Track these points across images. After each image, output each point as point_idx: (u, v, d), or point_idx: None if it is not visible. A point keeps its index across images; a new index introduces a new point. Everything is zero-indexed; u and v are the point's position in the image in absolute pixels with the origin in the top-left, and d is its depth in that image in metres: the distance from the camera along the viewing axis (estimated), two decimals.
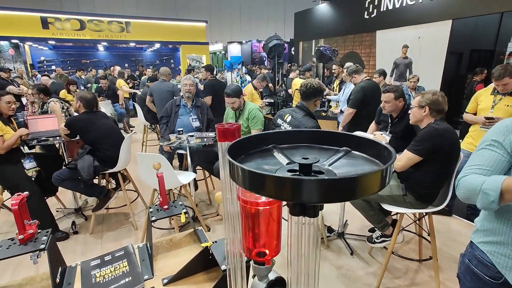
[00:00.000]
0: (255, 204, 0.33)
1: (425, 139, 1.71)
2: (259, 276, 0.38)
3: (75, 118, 2.53)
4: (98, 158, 2.48)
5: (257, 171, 0.27)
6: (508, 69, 2.38)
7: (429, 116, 1.79)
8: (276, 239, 0.36)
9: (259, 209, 0.33)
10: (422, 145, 1.71)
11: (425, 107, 1.78)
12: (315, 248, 0.33)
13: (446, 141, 1.70)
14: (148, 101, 4.19)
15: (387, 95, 2.21)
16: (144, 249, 1.17)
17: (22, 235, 1.00)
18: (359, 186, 0.29)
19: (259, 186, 0.28)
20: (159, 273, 1.04)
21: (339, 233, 2.54)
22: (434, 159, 1.72)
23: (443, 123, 1.76)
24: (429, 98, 1.76)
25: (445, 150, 1.70)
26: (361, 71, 3.31)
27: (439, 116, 1.79)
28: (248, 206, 0.33)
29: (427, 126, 1.77)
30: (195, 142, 2.49)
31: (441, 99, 1.76)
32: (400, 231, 1.96)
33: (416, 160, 1.74)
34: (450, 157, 1.75)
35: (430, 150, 1.70)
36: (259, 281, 0.38)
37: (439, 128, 1.70)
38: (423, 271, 2.13)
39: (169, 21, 11.42)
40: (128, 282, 0.98)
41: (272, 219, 0.34)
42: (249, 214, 0.33)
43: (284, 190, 0.27)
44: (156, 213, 1.19)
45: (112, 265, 1.07)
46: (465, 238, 2.53)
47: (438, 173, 1.76)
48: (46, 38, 9.46)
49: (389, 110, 2.27)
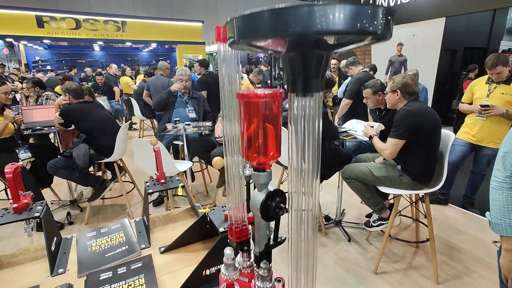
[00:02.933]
0: (255, 97, 0.33)
1: (401, 122, 1.77)
2: (258, 185, 0.38)
3: (70, 107, 2.51)
4: (94, 147, 2.46)
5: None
6: (501, 57, 2.42)
7: (402, 99, 1.87)
8: (276, 141, 0.35)
9: (259, 103, 0.33)
10: (400, 128, 1.77)
11: (396, 91, 1.86)
12: (313, 231, 0.34)
13: (422, 118, 1.76)
14: (145, 95, 4.17)
15: (366, 91, 2.32)
16: (140, 223, 1.16)
17: (16, 204, 0.99)
18: None
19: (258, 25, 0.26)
20: (156, 243, 1.03)
21: (337, 221, 2.54)
22: (418, 138, 1.77)
23: (415, 103, 1.83)
24: (399, 82, 1.85)
25: (424, 127, 1.76)
26: (357, 63, 3.34)
27: (411, 98, 1.86)
28: (248, 100, 0.33)
29: (400, 110, 1.84)
30: (192, 131, 2.49)
31: (410, 81, 1.84)
32: (397, 214, 1.96)
33: (400, 144, 1.79)
34: (433, 132, 1.80)
35: (409, 131, 1.75)
36: (258, 191, 0.38)
37: (411, 109, 1.77)
38: (420, 255, 2.14)
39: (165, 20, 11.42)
40: (125, 250, 0.97)
41: (272, 116, 0.34)
42: (249, 111, 0.33)
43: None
44: (153, 186, 1.18)
45: (108, 236, 1.06)
46: (461, 225, 2.56)
47: (426, 150, 1.81)
48: (41, 37, 9.39)
49: (372, 104, 2.36)
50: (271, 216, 0.37)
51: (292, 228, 0.33)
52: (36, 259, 0.96)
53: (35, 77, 4.15)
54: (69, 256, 0.96)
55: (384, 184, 1.89)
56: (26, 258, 0.97)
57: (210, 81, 3.96)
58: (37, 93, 3.56)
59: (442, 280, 1.88)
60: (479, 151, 2.61)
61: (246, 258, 0.41)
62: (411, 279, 1.90)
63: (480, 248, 2.21)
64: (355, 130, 2.43)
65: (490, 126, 2.49)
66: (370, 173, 1.91)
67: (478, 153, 2.63)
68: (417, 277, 1.91)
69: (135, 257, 0.95)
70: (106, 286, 0.80)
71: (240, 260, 0.41)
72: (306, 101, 0.29)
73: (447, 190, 2.85)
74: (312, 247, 0.34)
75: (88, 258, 0.94)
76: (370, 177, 1.90)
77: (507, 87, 2.43)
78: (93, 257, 0.95)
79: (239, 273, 0.42)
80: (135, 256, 0.95)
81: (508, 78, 2.42)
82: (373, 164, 2.02)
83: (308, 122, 0.29)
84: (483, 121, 2.52)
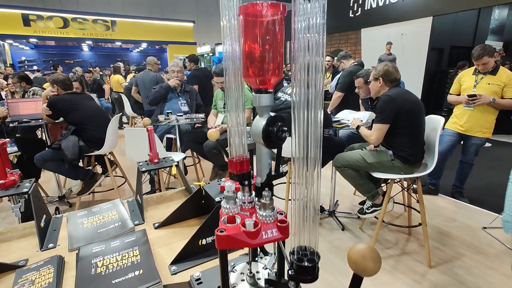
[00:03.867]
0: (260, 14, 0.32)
1: (383, 107, 1.83)
2: (260, 110, 0.37)
3: (58, 98, 2.44)
4: (84, 138, 2.40)
5: None
6: (487, 48, 2.49)
7: (384, 86, 1.94)
8: (278, 57, 0.35)
9: (263, 21, 0.32)
10: (383, 113, 1.83)
11: (379, 78, 1.93)
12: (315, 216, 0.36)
13: (402, 101, 1.81)
14: (133, 92, 4.11)
15: (358, 81, 2.37)
16: (133, 202, 1.14)
17: (3, 180, 0.96)
18: None
19: None
20: (150, 220, 1.01)
21: (330, 212, 2.55)
22: (401, 121, 1.82)
23: (394, 89, 1.90)
24: (381, 70, 1.91)
25: (405, 110, 1.81)
26: (349, 57, 3.39)
27: (393, 85, 1.92)
28: (251, 18, 0.33)
29: (381, 96, 1.89)
30: (185, 122, 2.46)
31: (391, 69, 1.90)
32: (390, 199, 1.99)
33: (385, 128, 1.84)
34: (415, 114, 1.85)
35: (392, 114, 1.81)
36: (260, 117, 0.37)
37: (390, 94, 1.84)
38: (413, 241, 2.17)
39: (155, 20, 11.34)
40: (118, 226, 0.95)
41: (274, 31, 0.33)
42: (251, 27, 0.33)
43: None
44: (146, 165, 1.16)
45: (100, 214, 1.04)
46: (451, 213, 2.61)
47: (411, 132, 1.86)
48: (27, 35, 9.17)
49: (364, 94, 2.40)
50: (274, 141, 0.37)
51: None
52: (24, 237, 0.93)
53: (21, 72, 4.04)
54: (60, 234, 0.93)
55: (377, 169, 1.92)
56: (14, 236, 0.93)
57: (201, 76, 3.94)
58: (24, 89, 3.47)
59: (434, 264, 1.90)
60: (467, 141, 2.68)
61: (247, 193, 0.41)
62: (405, 263, 1.92)
63: (470, 234, 2.25)
64: (348, 119, 2.46)
65: (478, 116, 2.56)
66: (363, 160, 1.93)
67: (466, 143, 2.70)
68: (410, 262, 1.94)
69: (129, 231, 0.92)
70: (98, 258, 0.78)
71: (241, 196, 0.41)
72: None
73: (437, 180, 2.90)
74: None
75: (80, 234, 0.91)
76: (363, 163, 1.92)
77: (493, 78, 2.50)
78: (85, 232, 0.92)
79: (240, 209, 0.41)
80: (128, 231, 0.93)
81: (494, 69, 2.49)
82: (365, 151, 2.04)
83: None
84: (471, 111, 2.58)
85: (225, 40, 0.37)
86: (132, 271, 0.73)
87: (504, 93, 2.47)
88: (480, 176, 3.33)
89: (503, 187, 1.65)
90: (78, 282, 0.69)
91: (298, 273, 0.37)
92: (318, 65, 0.33)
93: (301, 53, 0.32)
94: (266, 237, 0.37)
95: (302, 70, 0.33)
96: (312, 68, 0.33)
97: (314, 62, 0.33)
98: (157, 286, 0.69)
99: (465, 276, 1.80)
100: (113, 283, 0.69)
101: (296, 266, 0.37)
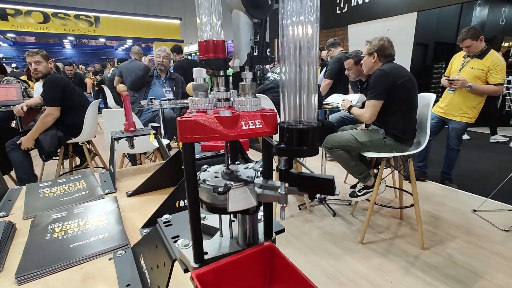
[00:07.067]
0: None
1: (376, 83, 1.74)
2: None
3: (59, 75, 2.26)
4: (63, 127, 2.24)
5: None
6: (470, 31, 2.47)
7: (378, 62, 1.85)
8: None
9: None
10: (376, 89, 1.74)
11: (373, 53, 1.84)
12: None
13: (396, 76, 1.73)
14: (116, 82, 3.93)
15: (348, 62, 2.31)
16: (105, 174, 1.03)
17: None
18: None
19: None
20: (123, 190, 0.90)
21: (321, 199, 2.49)
22: (394, 97, 1.74)
23: (388, 64, 1.82)
24: (376, 44, 1.82)
25: (398, 85, 1.73)
26: (337, 45, 3.35)
27: (387, 61, 1.84)
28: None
29: (374, 71, 1.81)
30: (169, 106, 2.34)
31: (386, 44, 1.82)
32: (382, 180, 1.93)
33: (379, 105, 1.76)
34: (407, 90, 1.77)
35: (385, 90, 1.73)
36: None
37: (383, 68, 1.76)
38: (405, 225, 2.12)
39: (141, 17, 11.06)
40: (85, 195, 0.84)
41: None
42: None
43: None
44: (120, 133, 1.04)
45: (66, 184, 0.92)
46: (440, 197, 2.59)
47: (404, 108, 1.79)
48: (4, 30, 8.75)
49: (354, 76, 2.34)
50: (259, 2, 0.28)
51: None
52: None
53: None
54: (16, 203, 0.81)
55: (369, 149, 1.86)
56: None
57: (185, 66, 3.82)
58: None
59: (427, 246, 1.86)
60: (449, 125, 2.66)
61: (222, 87, 0.31)
62: (398, 246, 1.87)
63: (460, 217, 2.23)
64: (338, 102, 2.40)
65: (458, 99, 2.54)
66: (354, 140, 1.87)
67: (448, 127, 2.68)
68: (403, 245, 1.89)
69: (96, 198, 0.81)
70: (57, 223, 0.67)
71: (215, 91, 0.31)
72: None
73: (423, 163, 2.88)
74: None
75: (39, 203, 0.80)
76: (355, 143, 1.86)
77: (478, 62, 2.48)
78: (45, 201, 0.80)
79: (213, 107, 0.31)
80: (96, 198, 0.82)
81: (482, 53, 2.47)
82: (357, 130, 1.98)
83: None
84: (452, 94, 2.56)
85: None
86: (95, 235, 0.62)
87: (488, 78, 2.43)
88: (468, 162, 3.35)
89: (491, 174, 1.62)
90: (28, 246, 0.58)
91: (289, 143, 0.28)
92: (313, 35, 0.27)
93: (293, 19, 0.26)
94: (247, 128, 0.27)
95: (292, 45, 0.28)
96: (304, 41, 0.28)
97: (306, 32, 0.27)
98: (124, 248, 0.59)
99: (458, 256, 1.76)
100: (71, 247, 0.58)
101: (287, 131, 0.28)
